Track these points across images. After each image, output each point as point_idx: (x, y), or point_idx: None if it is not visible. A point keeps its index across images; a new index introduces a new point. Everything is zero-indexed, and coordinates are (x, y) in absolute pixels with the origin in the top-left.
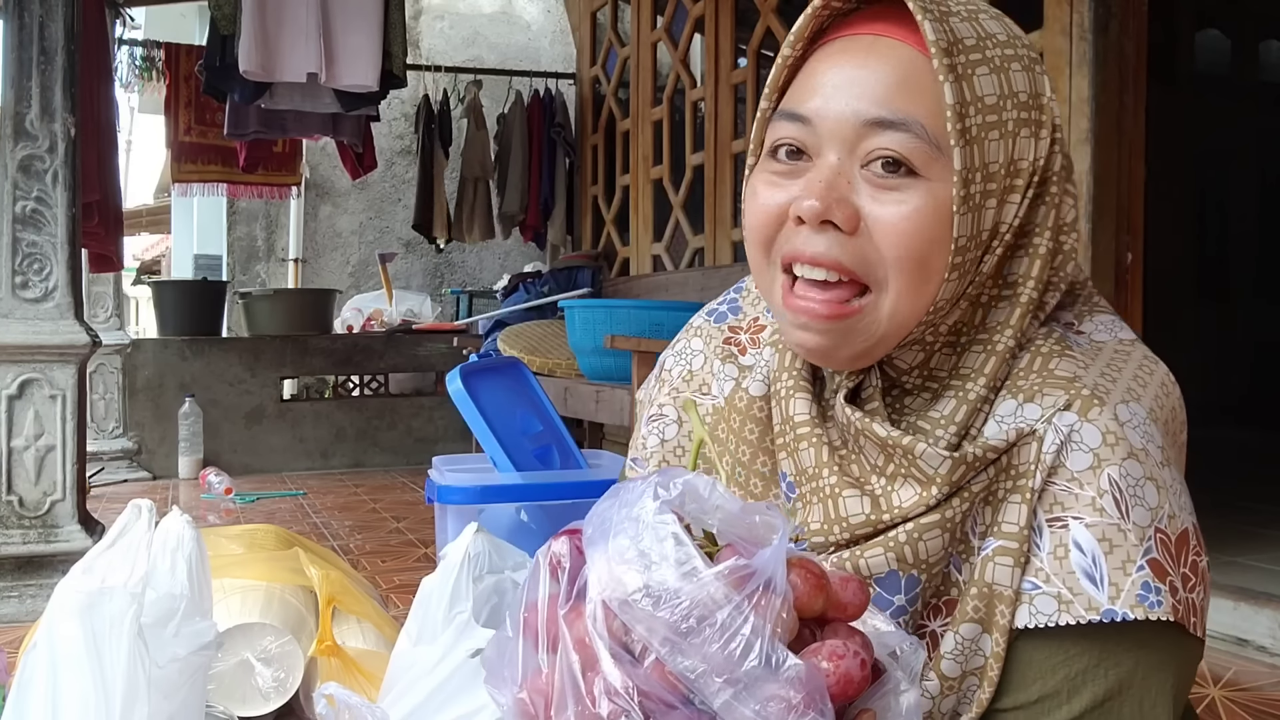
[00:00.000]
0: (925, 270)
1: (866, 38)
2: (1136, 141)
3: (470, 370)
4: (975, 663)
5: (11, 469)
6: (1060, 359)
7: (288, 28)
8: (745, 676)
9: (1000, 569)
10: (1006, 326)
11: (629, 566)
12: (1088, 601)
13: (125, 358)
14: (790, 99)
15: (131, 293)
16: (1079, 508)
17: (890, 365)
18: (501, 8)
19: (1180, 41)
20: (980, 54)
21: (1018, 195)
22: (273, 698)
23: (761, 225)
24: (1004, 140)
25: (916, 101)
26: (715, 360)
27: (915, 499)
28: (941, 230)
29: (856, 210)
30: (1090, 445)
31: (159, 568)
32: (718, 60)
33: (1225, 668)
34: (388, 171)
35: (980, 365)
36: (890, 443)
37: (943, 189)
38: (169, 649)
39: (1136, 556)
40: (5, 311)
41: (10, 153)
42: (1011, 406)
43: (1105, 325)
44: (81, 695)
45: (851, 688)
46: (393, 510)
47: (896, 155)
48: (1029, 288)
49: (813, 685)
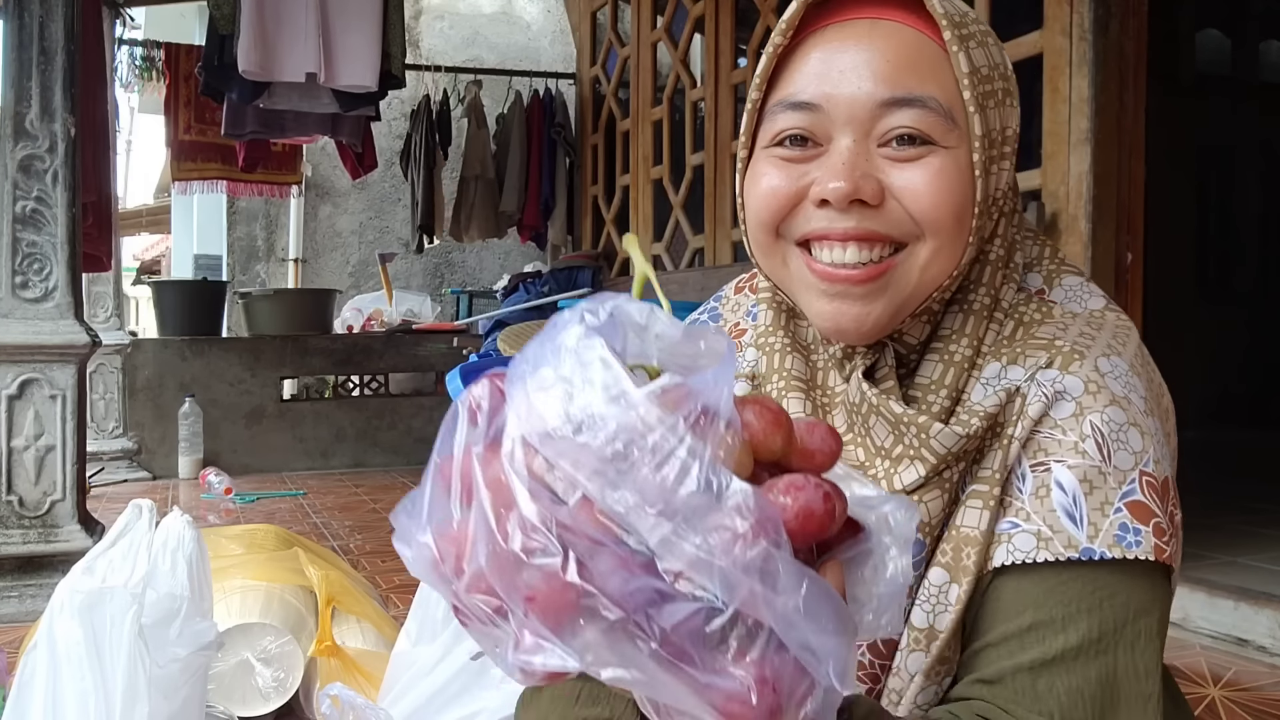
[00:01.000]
0: (959, 227)
1: (864, 21)
2: (1136, 141)
3: (470, 370)
4: (943, 621)
5: (11, 469)
6: (1040, 325)
7: (287, 27)
8: (683, 507)
9: (970, 512)
10: (979, 284)
11: (550, 397)
12: (1067, 539)
13: (125, 358)
14: (788, 88)
15: (131, 293)
16: (1061, 451)
17: (900, 343)
18: (501, 8)
19: (1180, 41)
20: (968, 29)
21: (1008, 162)
22: (273, 698)
23: (770, 209)
24: (999, 108)
25: (926, 78)
26: None
27: (917, 478)
28: (966, 192)
29: (880, 184)
30: (1073, 394)
31: (159, 568)
32: (718, 60)
33: (1225, 668)
34: (388, 171)
35: (960, 325)
36: (905, 421)
37: (962, 154)
38: (169, 649)
39: (1114, 499)
40: (5, 311)
41: (10, 153)
42: (996, 369)
43: (1075, 292)
44: (81, 695)
45: (813, 523)
46: (393, 510)
47: (915, 130)
48: (996, 245)
49: (763, 513)
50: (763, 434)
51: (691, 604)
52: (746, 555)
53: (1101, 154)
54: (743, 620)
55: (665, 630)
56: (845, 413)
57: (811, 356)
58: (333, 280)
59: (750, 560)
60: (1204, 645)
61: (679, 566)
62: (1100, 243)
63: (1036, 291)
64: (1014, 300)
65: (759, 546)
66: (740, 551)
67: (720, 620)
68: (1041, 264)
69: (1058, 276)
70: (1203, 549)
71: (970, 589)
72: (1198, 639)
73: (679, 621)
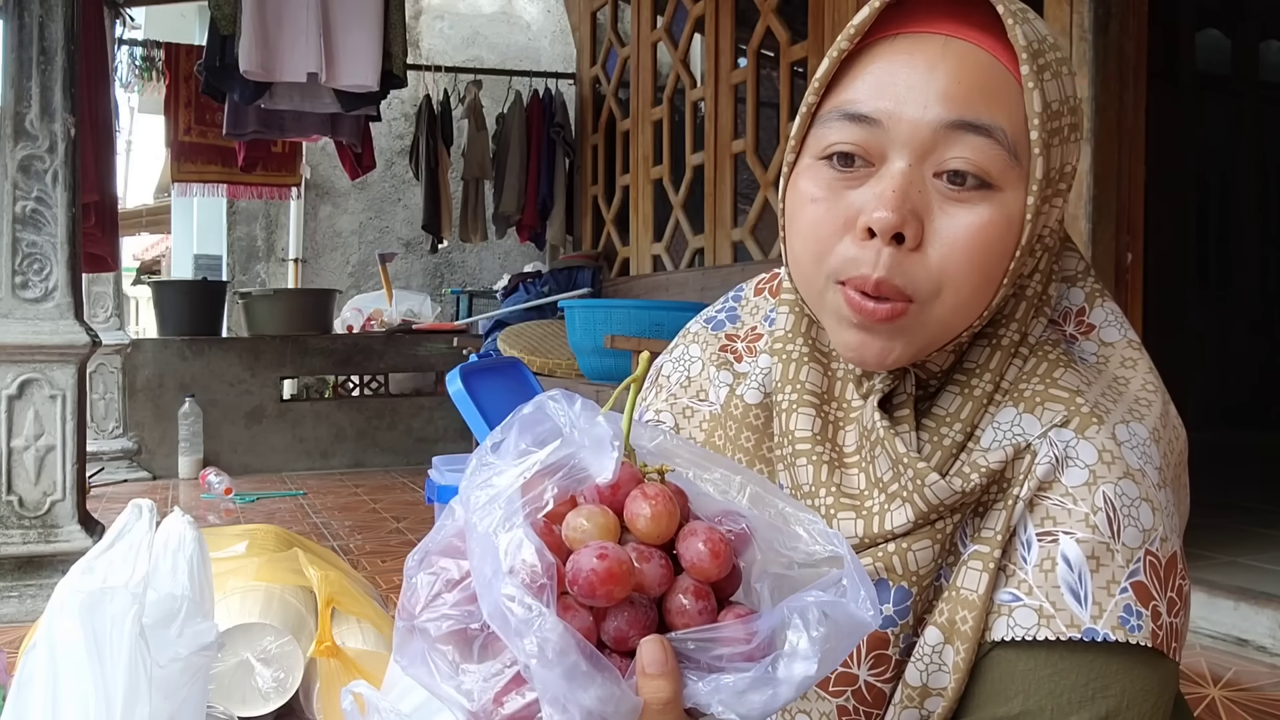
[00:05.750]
0: (986, 282)
1: (938, 37)
2: (1136, 141)
3: (470, 370)
4: (939, 680)
5: (11, 469)
6: (1065, 370)
7: (288, 27)
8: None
9: (970, 573)
10: (1012, 320)
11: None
12: (1070, 618)
13: (125, 358)
14: (847, 96)
15: (131, 293)
16: (1071, 523)
17: (922, 369)
18: (501, 8)
19: (1180, 41)
20: (1044, 59)
21: (1062, 200)
22: (272, 698)
23: (818, 239)
24: (1062, 146)
25: (996, 107)
26: (711, 367)
27: (907, 523)
28: (1007, 242)
29: (923, 226)
30: (1086, 462)
31: (160, 568)
32: (718, 60)
33: (1225, 668)
34: (388, 171)
35: (985, 360)
36: (905, 463)
37: (1013, 199)
38: (170, 649)
39: (1121, 578)
40: (5, 311)
41: (10, 153)
42: (1011, 415)
43: (1114, 320)
44: (82, 695)
45: (591, 584)
46: (393, 510)
47: (975, 165)
48: (1035, 281)
49: (542, 565)
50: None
51: (465, 621)
52: (500, 597)
53: (1101, 154)
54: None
55: (432, 636)
56: (858, 432)
57: (831, 365)
58: (333, 280)
59: (499, 602)
60: (1204, 645)
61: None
62: (1100, 243)
63: (1077, 311)
64: (1041, 336)
65: (513, 585)
66: (500, 595)
67: (480, 637)
68: (1085, 280)
69: (1100, 297)
70: (1203, 549)
71: (970, 657)
72: (1198, 639)
73: (449, 629)
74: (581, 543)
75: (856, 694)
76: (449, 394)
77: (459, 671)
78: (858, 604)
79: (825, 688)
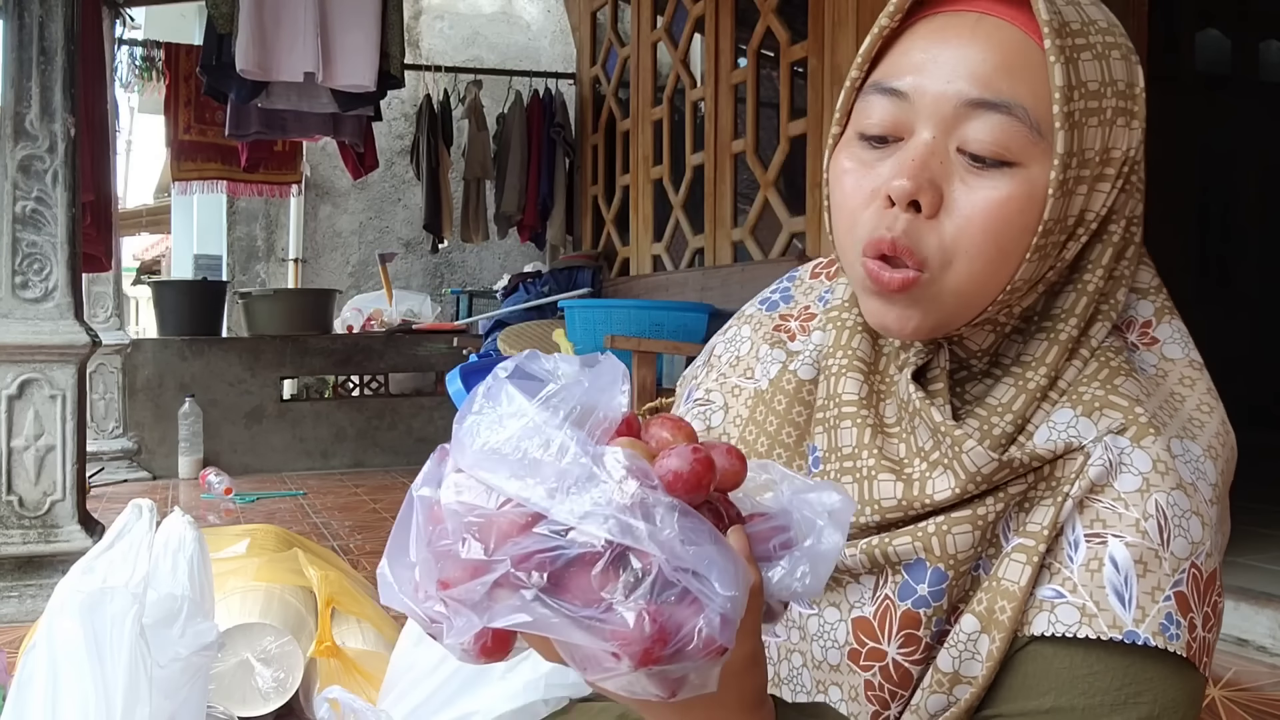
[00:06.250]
0: (1001, 255)
1: (971, 14)
2: None
3: (470, 370)
4: (971, 668)
5: (11, 469)
6: (1126, 379)
7: (285, 27)
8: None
9: (1013, 565)
10: (1071, 315)
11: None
12: (1112, 619)
13: (125, 358)
14: (884, 72)
15: (131, 293)
16: (1121, 527)
17: (960, 346)
18: (501, 8)
19: (1180, 41)
20: (1084, 39)
21: (1108, 184)
22: (272, 698)
23: (850, 210)
24: (1102, 128)
25: (1020, 84)
26: (763, 345)
27: (949, 492)
28: (1029, 216)
29: (942, 195)
30: (1141, 469)
31: (160, 568)
32: (718, 60)
33: (1225, 668)
34: (388, 171)
35: (1042, 354)
36: (943, 431)
37: (1038, 174)
38: (170, 649)
39: (1166, 586)
40: (5, 311)
41: (10, 153)
42: (1068, 416)
43: (1178, 338)
44: (82, 695)
45: (684, 480)
46: (393, 510)
47: (993, 147)
48: (1096, 275)
49: (635, 464)
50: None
51: (575, 550)
52: (624, 498)
53: None
54: (628, 564)
55: (545, 577)
56: (896, 405)
57: (879, 340)
58: (333, 280)
59: (628, 502)
60: None
61: (570, 521)
62: None
63: (1143, 323)
64: (1103, 341)
65: (632, 488)
66: (619, 496)
67: (602, 562)
68: (1157, 296)
69: (1169, 314)
70: None
71: (1005, 647)
72: None
73: (560, 568)
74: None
75: (884, 670)
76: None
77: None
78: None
79: (856, 661)
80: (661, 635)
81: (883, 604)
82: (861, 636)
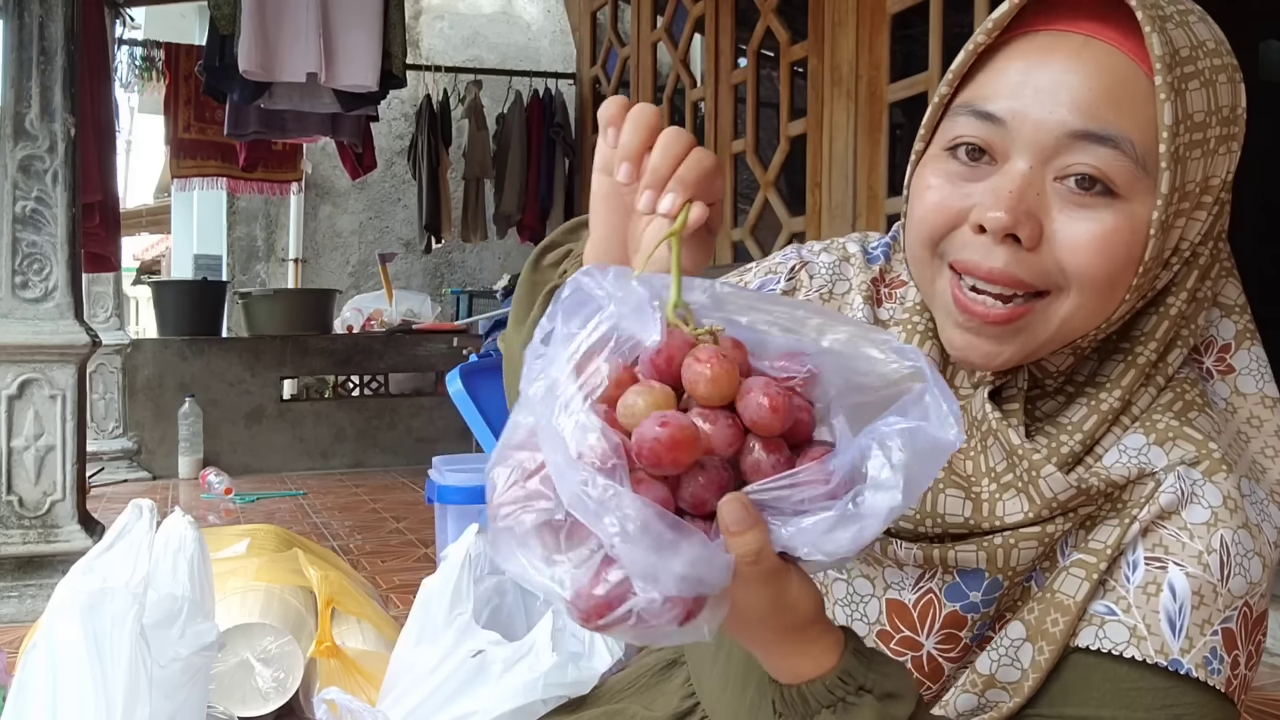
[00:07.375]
0: (1112, 290)
1: (1077, 37)
2: None
3: (470, 370)
4: (1008, 674)
5: (11, 469)
6: (1200, 413)
7: (287, 27)
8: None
9: (1070, 579)
10: (1151, 339)
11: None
12: (1161, 644)
13: (125, 358)
14: (978, 92)
15: (131, 293)
16: (1184, 556)
17: (1038, 367)
18: (501, 8)
19: None
20: (1193, 66)
21: (1204, 212)
22: (272, 698)
23: (931, 225)
24: (1204, 159)
25: (1126, 116)
26: (858, 296)
27: (1020, 515)
28: (1133, 250)
29: (1042, 227)
30: (1211, 503)
31: (160, 568)
32: (718, 60)
33: None
34: (388, 171)
35: (1118, 376)
36: (1020, 454)
37: (1141, 210)
38: (170, 649)
39: (1216, 621)
40: (5, 311)
41: (10, 153)
42: (1139, 442)
43: (1255, 369)
44: (82, 695)
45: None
46: (393, 510)
47: (1100, 172)
48: (1180, 299)
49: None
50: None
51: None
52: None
53: None
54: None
55: (520, 528)
56: (966, 420)
57: None
58: (333, 280)
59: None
60: None
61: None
62: None
63: (1222, 346)
64: (1179, 369)
65: (585, 470)
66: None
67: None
68: (1241, 316)
69: (1251, 339)
70: None
71: (1054, 659)
72: None
73: (535, 523)
74: (639, 419)
75: (915, 661)
76: (449, 394)
77: (550, 562)
78: (940, 423)
79: (886, 642)
80: (604, 605)
81: (925, 596)
82: (896, 621)
